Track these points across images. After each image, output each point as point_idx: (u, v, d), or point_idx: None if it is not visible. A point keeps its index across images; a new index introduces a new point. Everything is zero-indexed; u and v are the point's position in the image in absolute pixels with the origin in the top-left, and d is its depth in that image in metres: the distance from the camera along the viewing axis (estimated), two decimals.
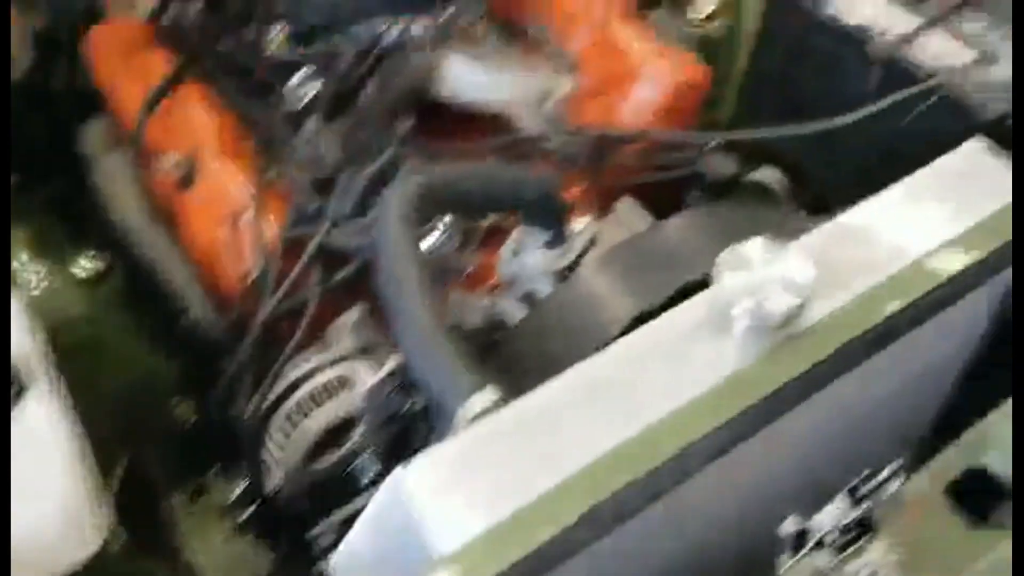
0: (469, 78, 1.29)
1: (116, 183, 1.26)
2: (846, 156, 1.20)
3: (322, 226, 1.02)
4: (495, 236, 1.14)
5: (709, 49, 1.54)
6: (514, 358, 0.92)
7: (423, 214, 0.90)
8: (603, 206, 1.24)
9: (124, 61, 1.36)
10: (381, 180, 1.03)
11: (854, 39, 1.15)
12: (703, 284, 0.74)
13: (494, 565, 0.60)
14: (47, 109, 1.51)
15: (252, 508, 1.11)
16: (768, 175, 1.21)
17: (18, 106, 1.47)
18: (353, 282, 1.04)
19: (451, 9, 1.19)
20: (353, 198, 1.02)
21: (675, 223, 1.00)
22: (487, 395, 0.76)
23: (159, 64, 1.31)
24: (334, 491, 1.04)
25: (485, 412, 0.75)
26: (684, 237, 0.98)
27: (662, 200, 1.22)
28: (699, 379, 0.70)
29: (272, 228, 1.06)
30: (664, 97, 1.25)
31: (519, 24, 1.35)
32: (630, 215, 1.20)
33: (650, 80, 1.25)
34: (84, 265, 1.19)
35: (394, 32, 1.16)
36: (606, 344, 0.75)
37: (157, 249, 1.17)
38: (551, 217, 1.05)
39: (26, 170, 1.45)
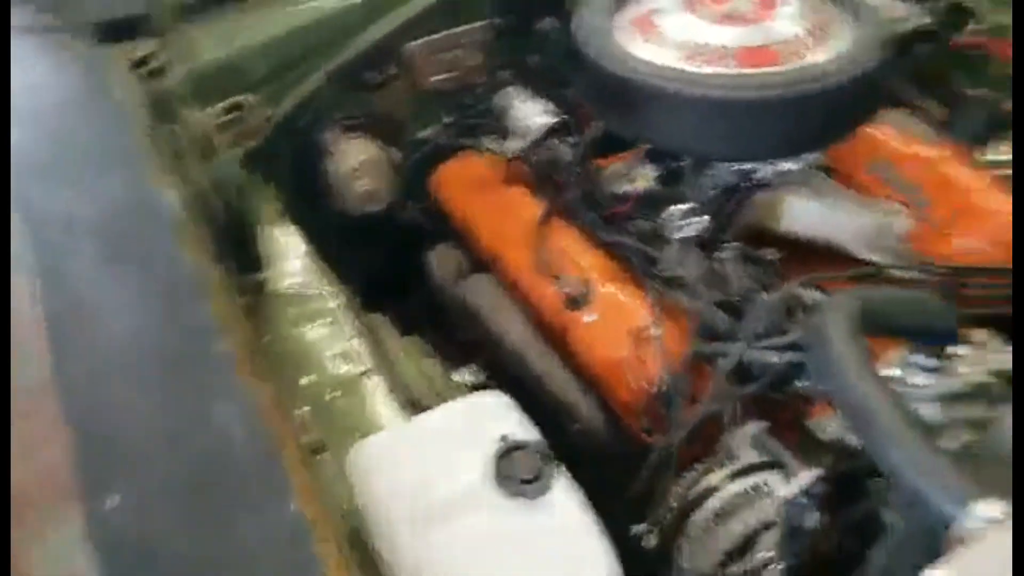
0: (808, 215, 1.39)
1: (490, 303, 1.38)
2: None
3: (736, 344, 1.10)
4: None
5: None
6: None
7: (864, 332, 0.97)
8: None
9: (478, 195, 1.51)
10: (788, 307, 1.12)
11: None
12: None
13: None
14: (394, 238, 1.68)
15: None
16: None
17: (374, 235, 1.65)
18: (757, 397, 1.11)
19: (813, 156, 1.29)
20: (768, 320, 1.10)
21: None
22: (992, 505, 0.80)
23: (517, 198, 1.46)
24: None
25: (991, 521, 0.79)
26: None
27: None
28: None
29: (675, 345, 1.15)
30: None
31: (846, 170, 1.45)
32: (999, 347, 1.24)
33: (993, 220, 1.32)
34: (467, 377, 1.30)
35: (765, 172, 1.27)
36: None
37: (544, 363, 1.27)
38: (940, 339, 1.10)
39: (375, 291, 1.61)
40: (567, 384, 1.25)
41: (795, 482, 1.06)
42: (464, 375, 1.30)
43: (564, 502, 0.86)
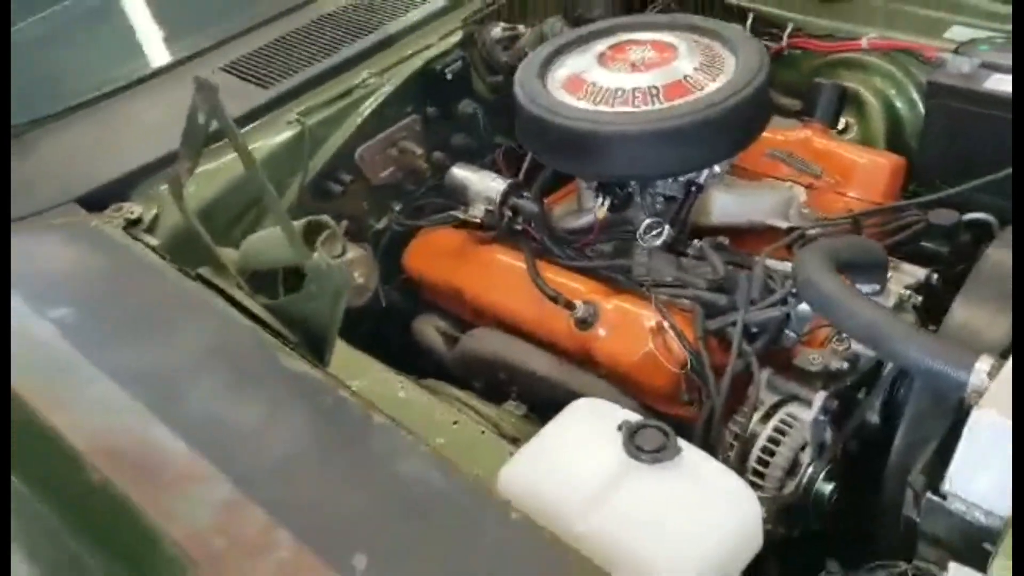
0: (731, 206, 1.70)
1: (505, 347, 1.58)
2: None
3: (739, 311, 1.37)
4: None
5: None
6: None
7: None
8: None
9: (455, 260, 1.71)
10: (767, 273, 1.41)
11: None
12: None
13: None
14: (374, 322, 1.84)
15: None
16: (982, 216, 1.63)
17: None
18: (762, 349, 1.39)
19: (731, 159, 1.61)
20: (759, 287, 1.38)
21: (992, 255, 1.38)
22: (986, 359, 1.10)
23: (493, 254, 1.67)
24: (803, 511, 1.33)
25: (995, 369, 1.09)
26: (1007, 259, 1.35)
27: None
28: None
29: (687, 329, 1.41)
30: (886, 181, 1.69)
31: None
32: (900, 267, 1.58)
33: (871, 172, 1.69)
34: (513, 408, 1.49)
35: (700, 178, 1.57)
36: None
37: (578, 379, 1.48)
38: (880, 272, 1.43)
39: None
40: (603, 391, 1.46)
41: (814, 406, 1.34)
42: (511, 409, 1.49)
43: (696, 458, 1.08)
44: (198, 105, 1.14)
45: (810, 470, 1.33)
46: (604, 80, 1.53)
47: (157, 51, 1.89)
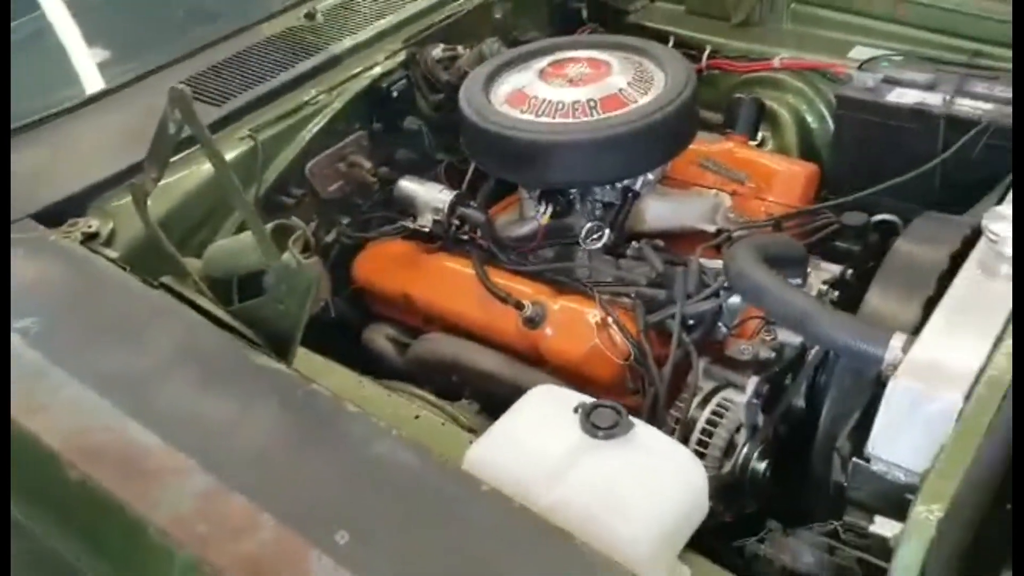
0: (664, 212, 1.82)
1: (458, 349, 1.66)
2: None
3: (677, 304, 1.48)
4: None
5: None
6: None
7: None
8: None
9: (405, 270, 1.79)
10: (701, 270, 1.53)
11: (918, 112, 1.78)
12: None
13: None
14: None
15: None
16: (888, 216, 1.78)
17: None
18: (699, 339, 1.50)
19: (664, 166, 1.73)
20: (695, 281, 1.50)
21: (900, 248, 1.51)
22: (899, 336, 1.23)
23: (442, 262, 1.75)
24: (741, 489, 1.44)
25: (907, 345, 1.21)
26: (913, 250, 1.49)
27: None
28: None
29: (629, 323, 1.51)
30: (802, 187, 1.83)
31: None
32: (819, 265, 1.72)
33: (789, 179, 1.83)
34: (467, 407, 1.57)
35: (638, 184, 1.68)
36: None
37: (529, 376, 1.57)
38: (801, 266, 1.56)
39: None
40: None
41: (748, 389, 1.45)
42: (465, 406, 1.57)
43: (647, 433, 1.17)
44: (169, 115, 1.19)
45: (745, 450, 1.44)
46: (545, 94, 1.64)
47: (108, 71, 1.92)
